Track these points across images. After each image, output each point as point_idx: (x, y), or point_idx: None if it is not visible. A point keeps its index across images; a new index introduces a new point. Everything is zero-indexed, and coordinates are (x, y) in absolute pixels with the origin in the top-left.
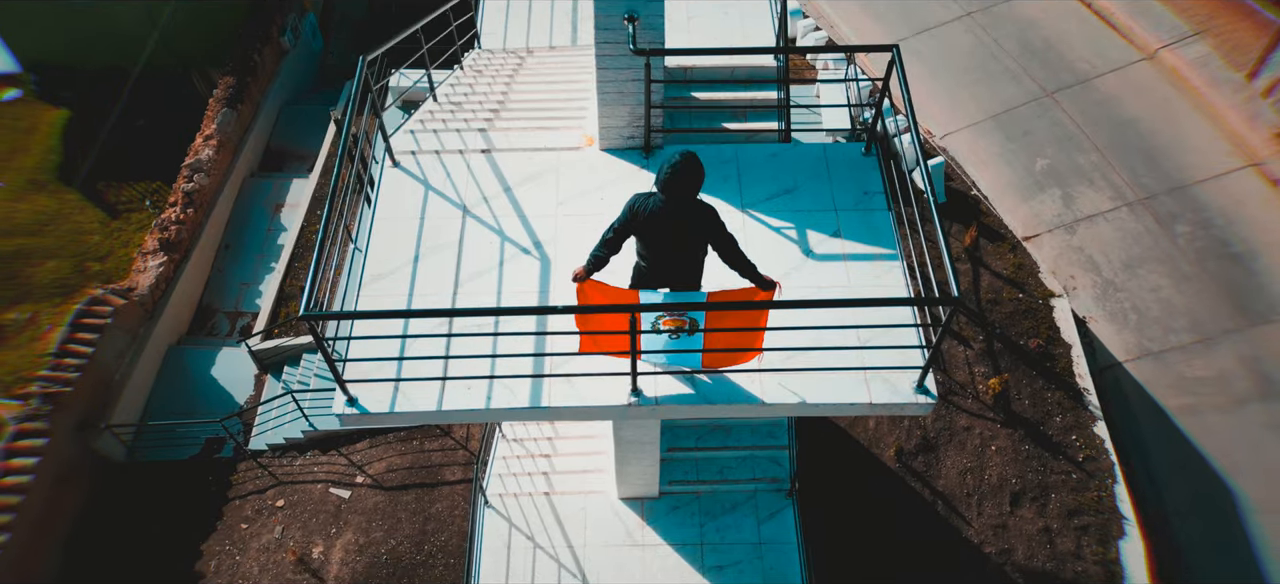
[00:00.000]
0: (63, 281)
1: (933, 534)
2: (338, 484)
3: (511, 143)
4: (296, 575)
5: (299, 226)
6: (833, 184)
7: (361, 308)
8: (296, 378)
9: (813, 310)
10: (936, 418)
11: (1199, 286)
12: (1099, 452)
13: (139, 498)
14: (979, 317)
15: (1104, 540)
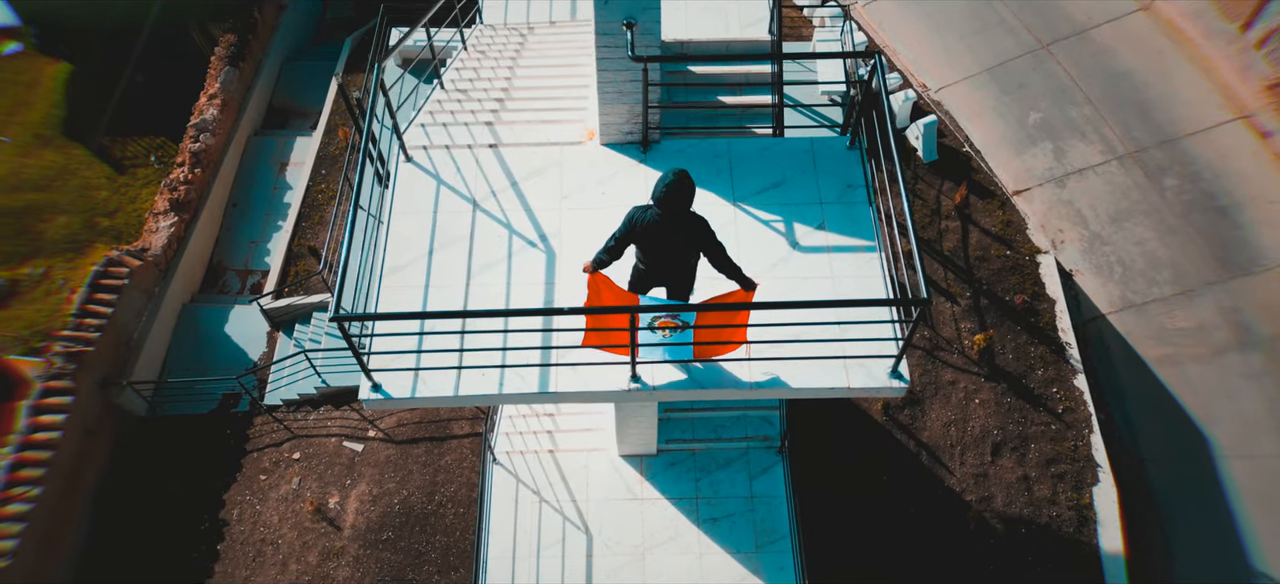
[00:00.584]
0: (74, 237)
1: (917, 484)
2: (351, 438)
3: (517, 137)
4: (315, 524)
5: (304, 186)
6: (819, 177)
7: (383, 298)
8: (308, 336)
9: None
10: (923, 373)
11: (1183, 239)
12: (1077, 403)
13: (161, 451)
14: (966, 273)
15: (1079, 487)
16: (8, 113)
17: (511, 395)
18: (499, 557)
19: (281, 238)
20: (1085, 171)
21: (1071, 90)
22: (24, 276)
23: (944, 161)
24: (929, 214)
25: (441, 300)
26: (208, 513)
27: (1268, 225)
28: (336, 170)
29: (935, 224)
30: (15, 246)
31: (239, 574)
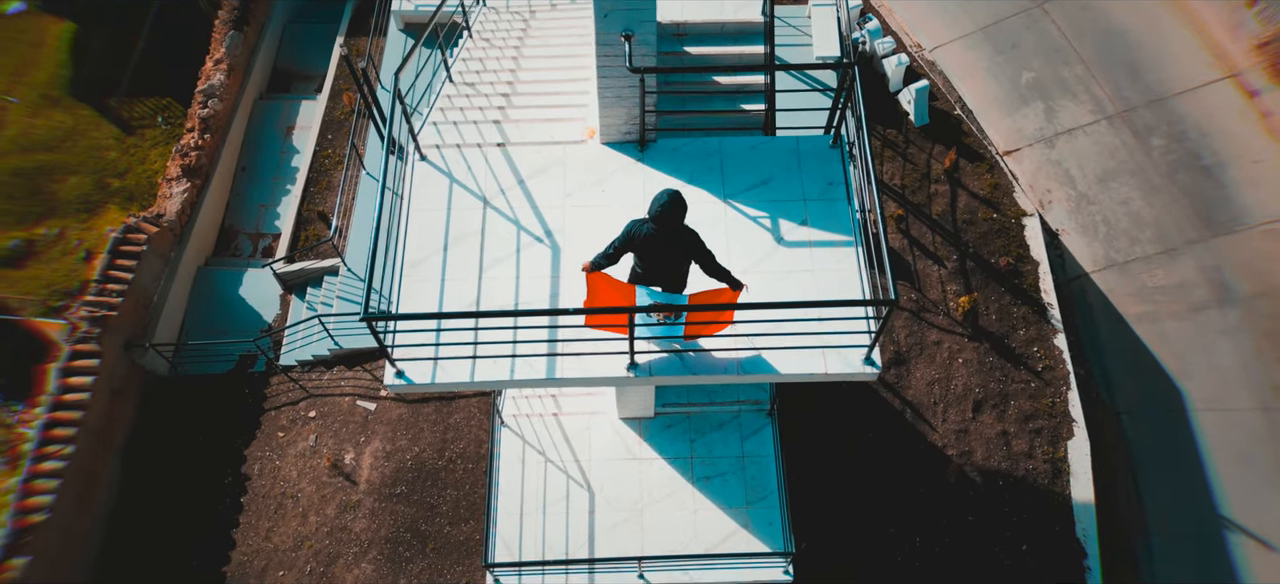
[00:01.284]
0: (86, 198)
1: (901, 440)
2: (364, 397)
3: (523, 136)
4: (331, 478)
5: (311, 150)
6: (803, 175)
7: (404, 290)
8: (319, 298)
9: (779, 294)
10: (909, 333)
11: (1167, 199)
12: (1057, 361)
13: (183, 409)
14: (954, 237)
15: (1054, 441)
16: (14, 73)
17: (521, 381)
18: (508, 513)
19: (290, 202)
20: (1074, 131)
21: (1064, 49)
22: (39, 237)
23: (935, 125)
24: (919, 178)
25: (456, 292)
26: (230, 468)
27: (1251, 184)
28: (342, 135)
29: (925, 188)
30: (29, 207)
31: (262, 526)
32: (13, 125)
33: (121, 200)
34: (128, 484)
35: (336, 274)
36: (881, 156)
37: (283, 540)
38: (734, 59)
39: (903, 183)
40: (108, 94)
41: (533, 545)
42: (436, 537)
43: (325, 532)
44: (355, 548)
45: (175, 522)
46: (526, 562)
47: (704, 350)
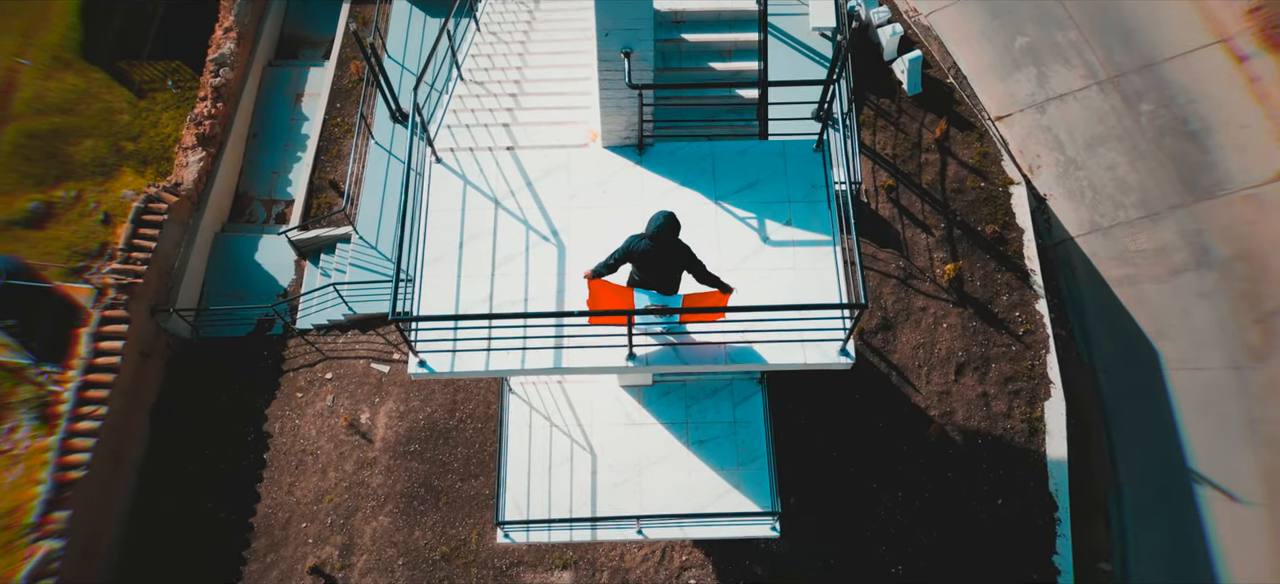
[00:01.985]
0: (101, 161)
1: (886, 401)
2: (377, 360)
3: (530, 139)
4: (349, 437)
5: (321, 118)
6: (788, 178)
7: (424, 285)
8: (333, 265)
9: (764, 291)
10: (896, 299)
11: (1153, 164)
12: (1037, 325)
13: (206, 371)
14: (942, 206)
15: (1032, 402)
16: (25, 35)
17: (531, 369)
18: (516, 473)
19: (302, 169)
20: (1066, 97)
21: (1059, 15)
22: (58, 199)
23: (928, 93)
24: (910, 147)
25: (471, 288)
26: (252, 426)
27: (1235, 150)
28: (350, 104)
29: (916, 157)
30: (46, 169)
31: (284, 481)
32: (26, 88)
33: (136, 163)
34: (157, 441)
35: (349, 241)
36: (874, 126)
37: (304, 494)
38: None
39: (894, 152)
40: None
41: (540, 504)
42: (448, 491)
43: (344, 486)
44: (372, 502)
45: (202, 476)
46: (534, 520)
47: (696, 343)
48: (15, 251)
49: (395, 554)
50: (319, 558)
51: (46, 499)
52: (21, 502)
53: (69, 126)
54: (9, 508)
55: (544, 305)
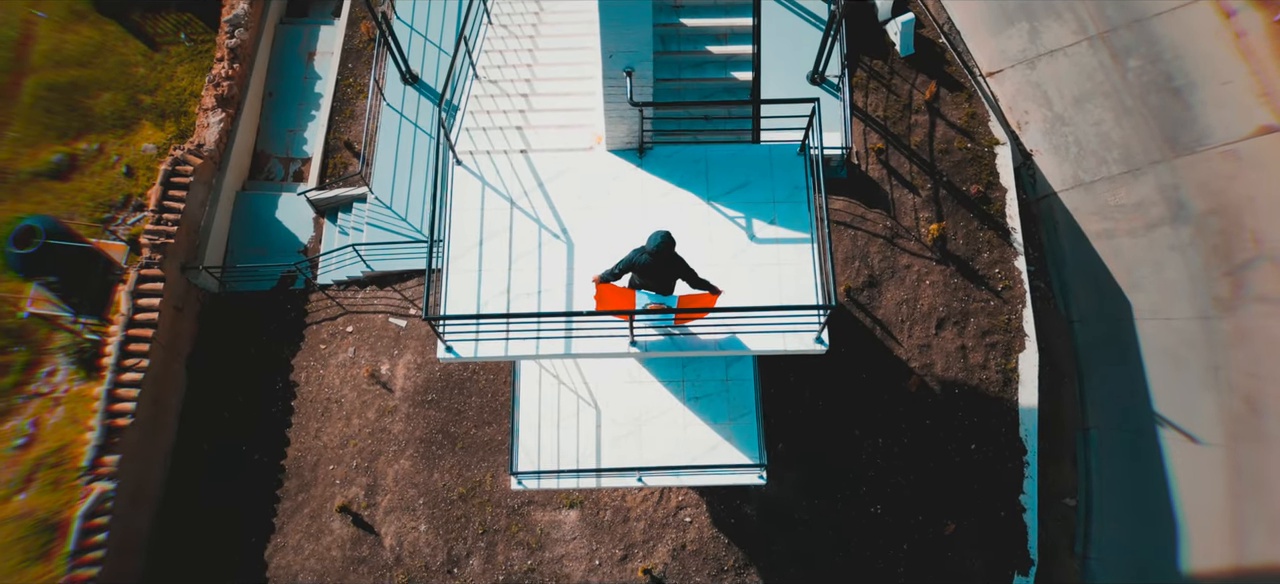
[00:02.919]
0: (121, 114)
1: (870, 354)
2: (395, 315)
3: (542, 142)
4: (370, 386)
5: (334, 79)
6: (774, 180)
7: (451, 278)
8: (350, 224)
9: (747, 287)
10: (882, 258)
11: (1137, 120)
12: (1015, 281)
13: (235, 324)
14: (929, 166)
15: (1007, 354)
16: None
17: (544, 355)
18: (528, 427)
19: (316, 127)
20: (1056, 53)
21: None
22: (80, 152)
23: (920, 54)
24: (901, 108)
25: (491, 281)
26: (279, 375)
27: (1217, 106)
28: (362, 64)
29: (906, 118)
30: (68, 122)
31: (312, 426)
32: (43, 40)
33: (154, 117)
34: (193, 389)
35: (365, 201)
36: (867, 88)
37: (330, 439)
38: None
39: (885, 114)
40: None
41: (550, 455)
42: (464, 437)
43: (367, 432)
44: (394, 446)
45: (236, 422)
46: (545, 470)
47: (691, 333)
48: (42, 201)
49: (416, 494)
50: (346, 498)
51: (97, 445)
52: (67, 442)
53: (87, 79)
54: (56, 447)
55: (555, 296)
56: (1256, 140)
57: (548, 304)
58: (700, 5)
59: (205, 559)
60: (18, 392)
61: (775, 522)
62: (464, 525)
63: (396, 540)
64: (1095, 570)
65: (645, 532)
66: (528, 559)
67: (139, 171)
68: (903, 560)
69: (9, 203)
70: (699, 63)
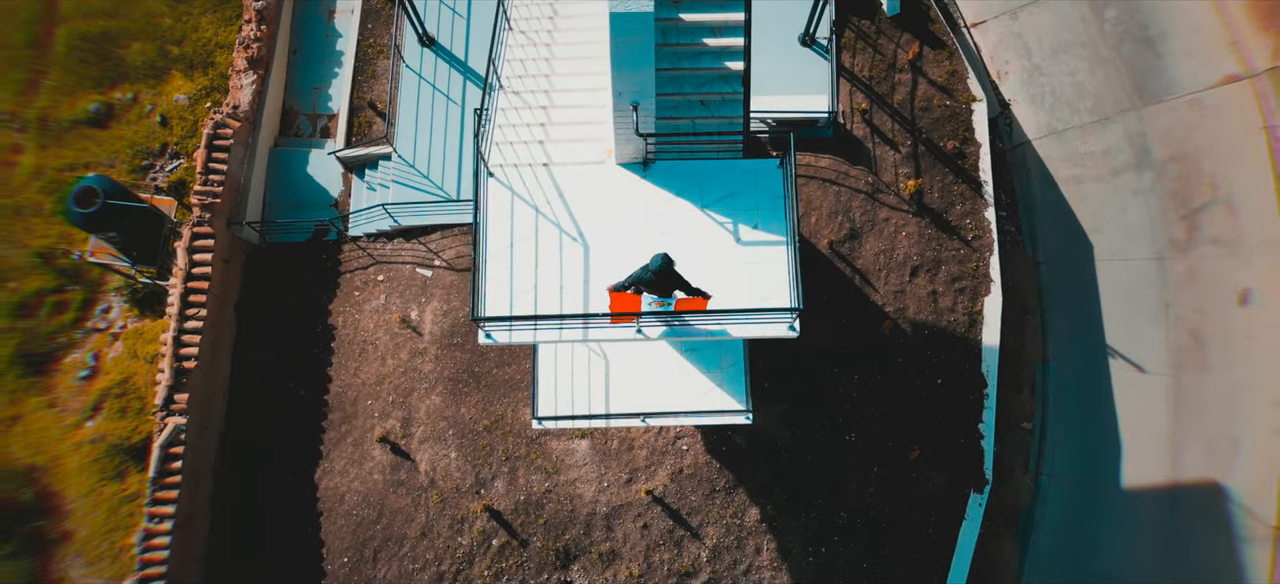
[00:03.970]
0: (151, 64)
1: (849, 300)
2: (421, 266)
3: (561, 156)
4: (402, 330)
5: (355, 40)
6: (757, 190)
7: (488, 275)
8: (377, 179)
9: (735, 282)
10: (863, 213)
11: (1111, 70)
12: (984, 231)
13: (275, 272)
14: (910, 124)
15: (974, 298)
16: None
17: (567, 339)
18: (546, 378)
19: (340, 84)
20: (1039, 2)
21: None
22: (116, 101)
23: (906, 14)
24: (886, 68)
25: (520, 280)
26: (319, 319)
27: (1186, 55)
28: (381, 24)
29: (890, 78)
30: (101, 72)
31: (350, 365)
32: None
33: (183, 67)
34: (242, 332)
35: (389, 158)
36: (854, 49)
37: (368, 377)
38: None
39: (871, 74)
40: None
41: (565, 400)
42: (487, 376)
43: (400, 371)
44: (425, 384)
45: (283, 361)
46: (562, 416)
47: (686, 323)
48: (84, 148)
49: (446, 426)
50: (385, 429)
51: (169, 385)
52: (129, 374)
53: (116, 29)
54: (118, 379)
55: (573, 291)
56: (1220, 90)
57: (568, 296)
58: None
59: (262, 483)
60: (77, 327)
61: (762, 449)
62: (489, 453)
63: (430, 466)
64: (1046, 486)
65: (647, 458)
66: (545, 482)
67: (173, 121)
68: (873, 481)
69: (53, 150)
70: (696, 54)
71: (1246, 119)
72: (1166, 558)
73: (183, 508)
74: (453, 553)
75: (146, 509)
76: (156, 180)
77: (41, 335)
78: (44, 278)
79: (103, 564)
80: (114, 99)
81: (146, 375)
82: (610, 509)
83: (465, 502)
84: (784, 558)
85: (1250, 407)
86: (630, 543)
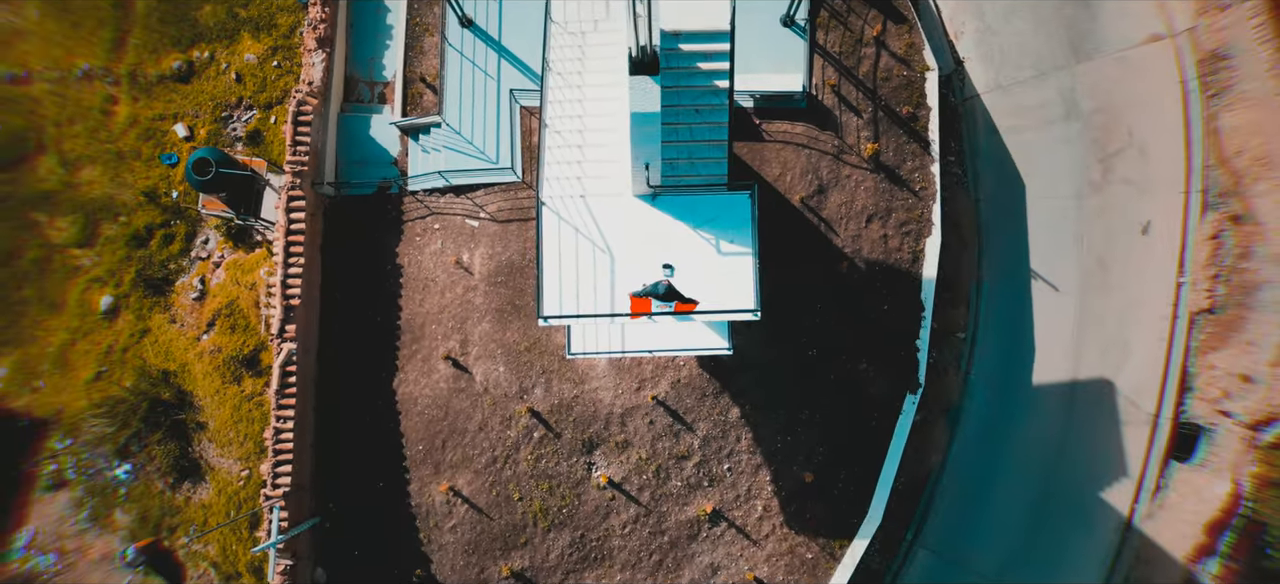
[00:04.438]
0: (222, 25)
1: (814, 245)
2: (470, 217)
3: (593, 190)
4: (456, 270)
5: (404, 17)
6: (732, 215)
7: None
8: (429, 143)
9: (716, 280)
10: (829, 171)
11: (1051, 30)
12: (929, 183)
13: (349, 221)
14: (872, 93)
15: (918, 239)
16: None
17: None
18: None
19: (393, 56)
20: None
21: None
22: (195, 59)
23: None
24: (853, 43)
25: (568, 280)
26: (388, 260)
27: (1117, 17)
28: (425, 5)
29: (857, 52)
30: (180, 32)
31: (416, 297)
32: None
33: (251, 29)
34: (327, 271)
35: (439, 126)
36: (827, 27)
37: (431, 308)
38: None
39: (840, 49)
40: None
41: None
42: (526, 308)
43: (456, 303)
44: (476, 313)
45: (362, 295)
46: (588, 352)
47: (683, 316)
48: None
49: (495, 346)
50: (447, 349)
51: (281, 319)
52: (233, 297)
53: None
54: (226, 301)
55: (601, 291)
56: (1143, 48)
57: (599, 294)
58: (693, 34)
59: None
60: (184, 256)
61: (743, 364)
62: (529, 367)
63: (484, 377)
64: (974, 382)
65: (653, 372)
66: (574, 390)
67: (246, 77)
68: (830, 387)
69: (144, 101)
70: (691, 73)
71: (1164, 74)
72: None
73: (298, 410)
74: (503, 442)
75: (274, 412)
76: (235, 129)
77: (156, 262)
78: (151, 213)
79: (231, 448)
80: (193, 57)
81: (247, 299)
82: (624, 410)
83: (512, 404)
84: (758, 443)
85: (1141, 319)
86: (639, 434)
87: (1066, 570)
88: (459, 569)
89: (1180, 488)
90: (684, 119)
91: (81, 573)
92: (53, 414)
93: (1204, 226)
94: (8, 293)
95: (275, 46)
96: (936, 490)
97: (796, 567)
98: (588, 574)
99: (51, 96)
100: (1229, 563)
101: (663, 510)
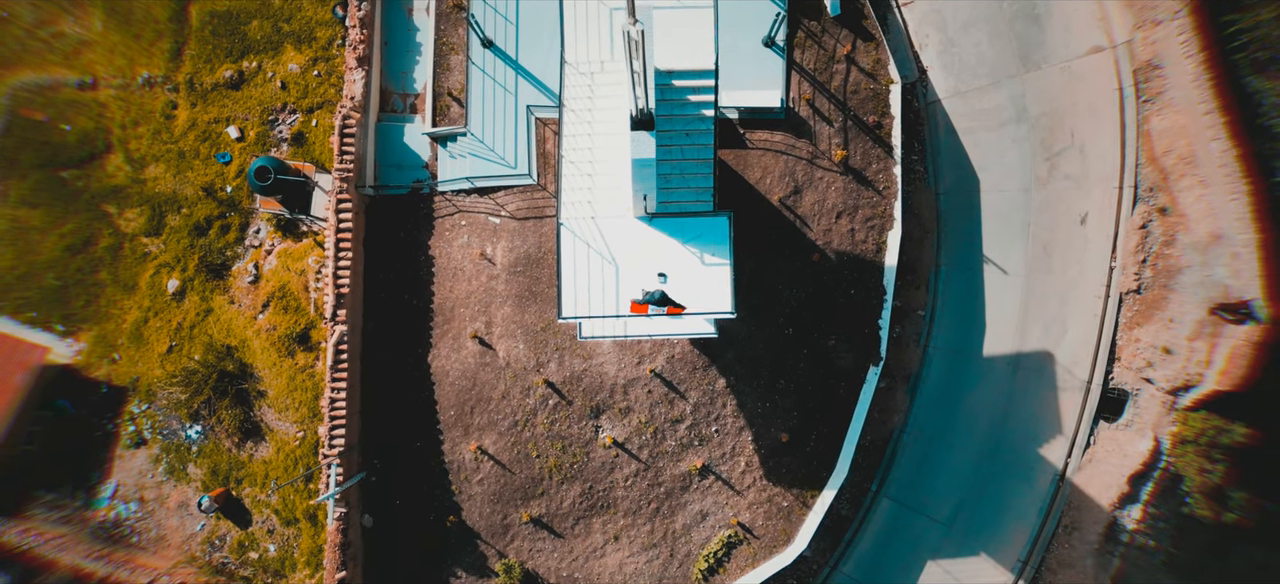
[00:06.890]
0: (268, 38)
1: (789, 239)
2: (492, 215)
3: (601, 211)
4: (480, 261)
5: (432, 37)
6: (714, 233)
7: (563, 288)
8: (457, 150)
9: (701, 287)
10: (805, 175)
11: (1005, 42)
12: (892, 183)
13: (386, 218)
14: (842, 105)
15: (881, 231)
16: None
17: (608, 318)
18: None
19: (422, 70)
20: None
21: None
22: (245, 68)
23: (845, 14)
24: (826, 60)
25: (582, 285)
26: (420, 251)
27: (1062, 29)
28: (451, 26)
29: (829, 68)
30: (231, 44)
31: (446, 284)
32: None
33: (293, 42)
34: (369, 261)
35: (465, 135)
36: (804, 46)
37: (459, 293)
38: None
39: (815, 66)
40: None
41: (599, 329)
42: (542, 295)
43: (481, 290)
44: (499, 298)
45: (398, 280)
46: (598, 336)
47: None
48: (225, 105)
49: (515, 327)
50: (474, 329)
51: (333, 304)
52: (284, 281)
53: (237, 8)
54: (278, 286)
55: (608, 297)
56: (1086, 58)
57: (607, 297)
58: (683, 72)
59: (389, 364)
60: (239, 244)
61: (728, 340)
62: (545, 344)
63: (506, 353)
64: (931, 354)
65: (650, 349)
66: (583, 364)
67: (290, 85)
68: (803, 359)
69: (200, 106)
70: (682, 103)
71: (1104, 82)
72: (1010, 401)
73: (349, 382)
74: (523, 408)
75: (329, 384)
76: (280, 131)
77: (215, 249)
78: (209, 206)
79: (287, 413)
80: (243, 67)
81: (297, 284)
82: (626, 381)
83: (530, 376)
84: (741, 408)
85: (1078, 299)
86: (639, 402)
87: (1010, 515)
88: (486, 516)
89: (1107, 445)
90: (676, 141)
91: (161, 518)
92: (130, 383)
93: (1134, 218)
94: (85, 276)
95: (315, 57)
96: (898, 447)
97: (774, 513)
98: (595, 520)
99: (117, 101)
100: (1148, 509)
101: (659, 466)
